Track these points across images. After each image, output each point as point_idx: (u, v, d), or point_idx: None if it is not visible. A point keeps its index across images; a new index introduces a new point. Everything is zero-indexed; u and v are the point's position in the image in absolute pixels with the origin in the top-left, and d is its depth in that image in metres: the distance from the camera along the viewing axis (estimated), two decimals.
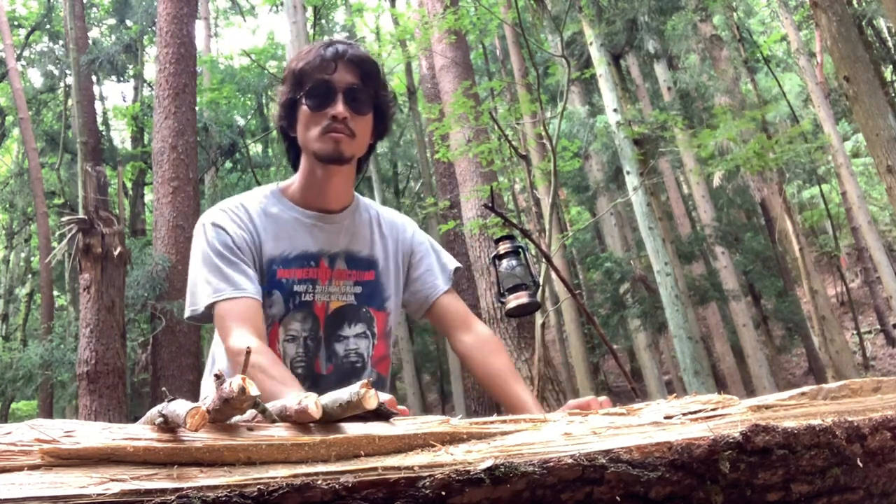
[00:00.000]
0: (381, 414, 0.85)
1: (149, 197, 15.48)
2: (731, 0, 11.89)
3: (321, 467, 0.73)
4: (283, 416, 0.84)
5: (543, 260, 4.41)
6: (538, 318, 5.25)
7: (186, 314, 1.54)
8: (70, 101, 13.02)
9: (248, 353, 0.89)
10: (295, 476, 0.69)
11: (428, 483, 0.71)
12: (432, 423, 0.86)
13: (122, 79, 15.60)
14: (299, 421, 0.82)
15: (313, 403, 0.81)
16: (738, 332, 11.55)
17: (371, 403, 0.82)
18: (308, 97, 1.52)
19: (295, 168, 1.65)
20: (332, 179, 1.58)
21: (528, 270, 2.05)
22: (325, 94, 1.50)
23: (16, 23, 15.60)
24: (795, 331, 14.34)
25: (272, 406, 0.85)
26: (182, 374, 8.14)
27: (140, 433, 0.74)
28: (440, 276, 1.76)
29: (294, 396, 0.85)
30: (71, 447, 0.69)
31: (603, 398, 1.32)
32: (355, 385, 0.83)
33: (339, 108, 1.49)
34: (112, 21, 16.73)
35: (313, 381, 1.57)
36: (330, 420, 0.83)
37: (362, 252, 1.66)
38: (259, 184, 11.46)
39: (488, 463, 0.74)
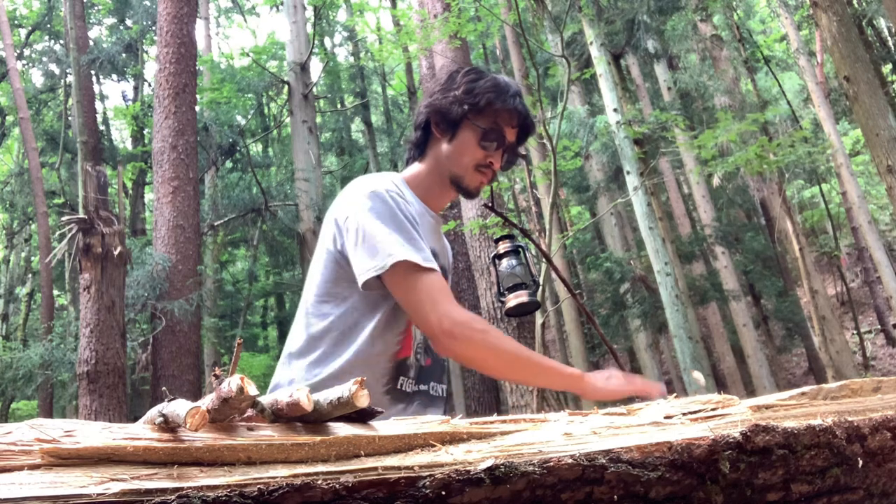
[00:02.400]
0: (367, 414, 0.85)
1: (149, 197, 15.48)
2: (731, 0, 11.89)
3: (321, 467, 0.73)
4: (275, 410, 0.83)
5: (543, 260, 4.41)
6: (538, 318, 5.25)
7: (370, 274, 1.46)
8: (70, 101, 13.02)
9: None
10: (295, 476, 0.69)
11: (428, 483, 0.71)
12: (432, 423, 0.86)
13: (122, 78, 15.59)
14: (291, 414, 0.82)
15: (305, 396, 0.81)
16: (739, 332, 11.55)
17: (362, 402, 0.82)
18: (485, 137, 1.62)
19: (413, 154, 1.73)
20: (450, 196, 1.71)
21: (528, 270, 2.05)
22: (497, 141, 1.63)
23: (16, 22, 15.59)
24: (795, 331, 14.34)
25: (263, 399, 0.84)
26: (182, 374, 8.14)
27: (140, 433, 0.74)
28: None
29: (285, 390, 0.86)
30: (71, 447, 0.69)
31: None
32: (348, 383, 0.83)
33: (499, 161, 1.65)
34: (112, 20, 16.73)
35: (418, 369, 1.63)
36: (319, 418, 0.83)
37: (447, 254, 1.78)
38: (259, 184, 11.48)
39: (488, 463, 0.74)
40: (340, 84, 18.15)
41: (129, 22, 15.25)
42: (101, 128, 15.53)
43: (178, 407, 0.75)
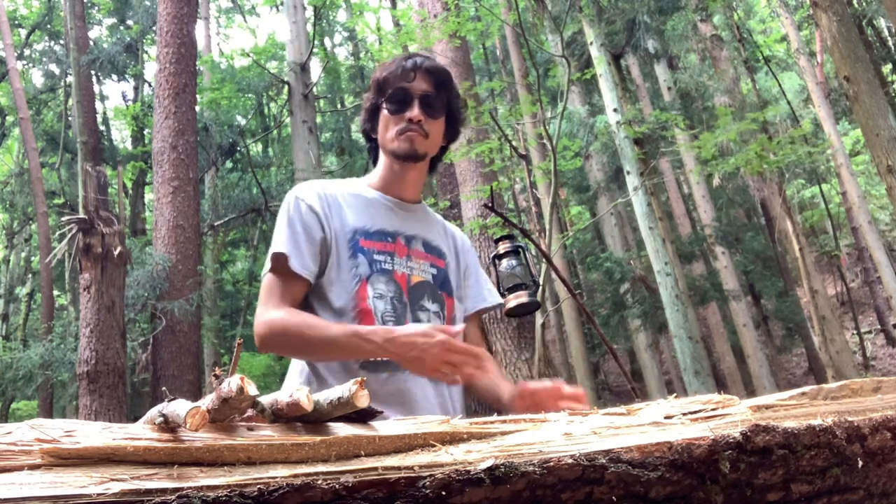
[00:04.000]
0: (367, 414, 0.85)
1: (149, 197, 15.48)
2: (731, 0, 11.89)
3: (321, 467, 0.73)
4: (275, 410, 0.83)
5: (543, 260, 4.41)
6: (538, 318, 5.25)
7: (264, 271, 1.65)
8: (70, 101, 13.02)
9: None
10: (295, 476, 0.69)
11: (428, 483, 0.71)
12: (432, 423, 0.87)
13: (122, 78, 15.59)
14: (291, 414, 0.82)
15: (305, 396, 0.81)
16: (739, 332, 11.55)
17: (362, 402, 0.82)
18: (388, 102, 1.72)
19: (374, 162, 1.85)
20: (408, 174, 1.77)
21: (528, 270, 2.06)
22: (403, 99, 1.71)
23: (16, 22, 15.59)
24: (796, 331, 14.34)
25: (263, 399, 0.85)
26: (182, 374, 8.14)
27: (140, 433, 0.74)
28: (487, 294, 1.89)
29: (286, 390, 0.86)
30: (71, 447, 0.69)
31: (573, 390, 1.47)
32: (348, 383, 0.83)
33: (415, 111, 1.69)
34: (112, 21, 16.73)
35: None
36: (320, 418, 0.83)
37: (435, 241, 1.82)
38: (259, 184, 11.49)
39: (488, 463, 0.74)
40: (340, 84, 18.15)
41: (129, 22, 15.24)
42: (102, 128, 15.53)
43: (178, 407, 0.75)
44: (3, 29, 12.00)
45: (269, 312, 1.56)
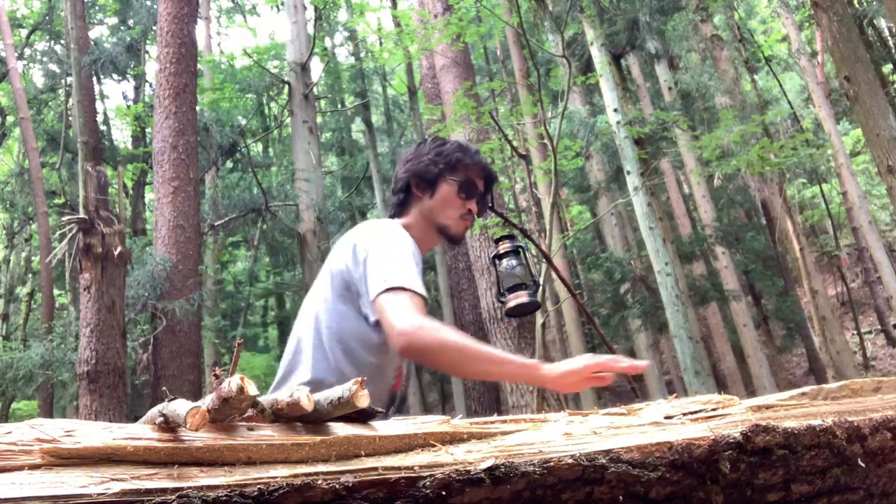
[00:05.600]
0: (367, 414, 0.85)
1: (149, 197, 15.48)
2: (731, 0, 11.88)
3: (321, 467, 0.73)
4: (275, 410, 0.83)
5: (543, 260, 4.41)
6: (538, 318, 5.25)
7: (384, 286, 1.63)
8: (71, 101, 13.02)
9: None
10: (295, 476, 0.69)
11: (428, 483, 0.71)
12: (432, 423, 0.87)
13: (123, 78, 15.59)
14: (291, 414, 0.82)
15: (305, 396, 0.81)
16: (739, 332, 11.54)
17: (362, 402, 0.82)
18: (461, 188, 1.93)
19: (394, 213, 1.99)
20: (433, 244, 2.00)
21: (528, 270, 2.06)
22: (470, 191, 1.94)
23: (17, 22, 15.58)
24: (796, 331, 14.33)
25: (263, 399, 0.85)
26: (182, 374, 8.13)
27: (140, 433, 0.74)
28: None
29: (285, 390, 0.86)
30: (71, 447, 0.69)
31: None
32: (348, 383, 0.83)
33: (475, 206, 1.95)
34: (114, 21, 16.73)
35: (400, 399, 1.88)
36: (320, 418, 0.83)
37: None
38: (259, 184, 11.47)
39: (488, 463, 0.74)
40: (341, 84, 18.15)
41: (130, 22, 15.24)
42: (102, 128, 15.53)
43: (178, 407, 0.75)
44: (3, 29, 12.00)
45: (419, 317, 1.56)
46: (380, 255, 1.69)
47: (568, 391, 1.60)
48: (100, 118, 15.24)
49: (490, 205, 2.00)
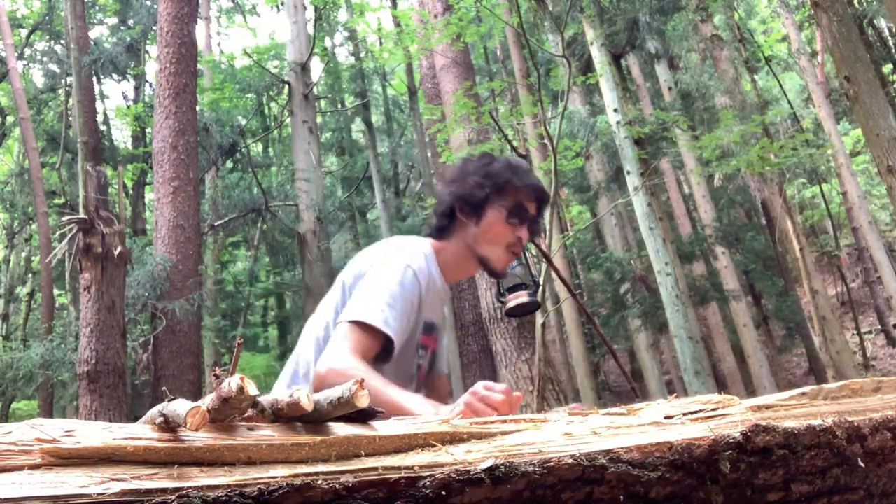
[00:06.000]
0: (367, 414, 0.85)
1: (149, 197, 15.47)
2: (731, 0, 11.88)
3: (321, 467, 0.73)
4: (275, 410, 0.83)
5: (543, 260, 4.41)
6: (538, 318, 5.24)
7: (348, 317, 1.58)
8: (71, 101, 13.01)
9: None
10: (295, 476, 0.69)
11: (428, 483, 0.71)
12: (432, 423, 0.87)
13: (123, 78, 15.59)
14: (291, 414, 0.82)
15: (305, 396, 0.81)
16: (739, 332, 11.54)
17: (362, 402, 0.82)
18: (512, 214, 1.76)
19: (433, 236, 1.84)
20: (468, 274, 1.89)
21: (528, 270, 2.06)
22: (521, 217, 1.77)
23: (17, 22, 15.58)
24: (796, 331, 14.33)
25: (263, 398, 0.85)
26: (182, 374, 8.14)
27: (140, 433, 0.74)
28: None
29: (288, 390, 0.86)
30: (71, 447, 0.69)
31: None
32: (348, 382, 0.83)
33: (526, 234, 1.78)
34: (113, 21, 16.73)
35: None
36: (320, 418, 0.83)
37: (442, 328, 1.92)
38: (259, 184, 11.47)
39: (488, 463, 0.74)
40: (341, 84, 18.14)
41: (130, 22, 15.24)
42: (102, 128, 15.52)
43: (178, 407, 0.75)
44: (3, 29, 12.00)
45: (348, 362, 1.50)
46: (368, 282, 1.64)
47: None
48: (100, 118, 15.23)
49: (542, 228, 1.87)
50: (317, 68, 16.72)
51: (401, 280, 1.63)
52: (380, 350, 1.58)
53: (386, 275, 1.64)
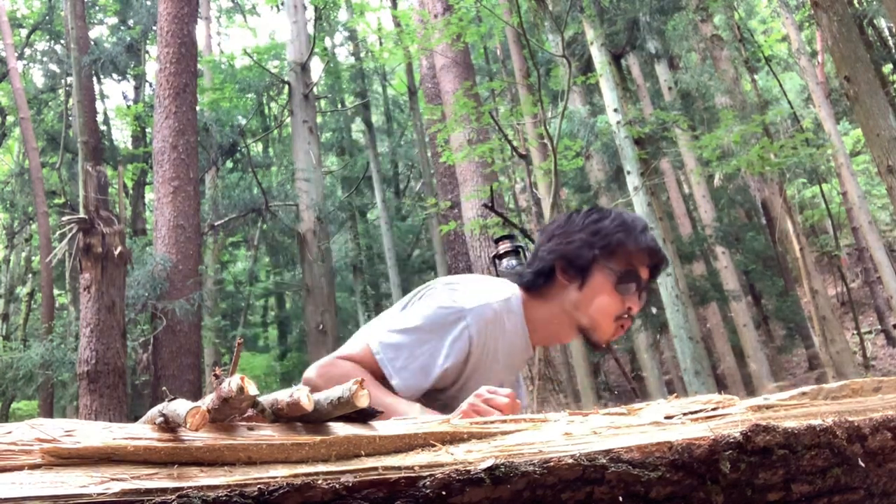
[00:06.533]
0: (367, 414, 0.85)
1: (149, 197, 15.48)
2: (731, 0, 11.88)
3: (321, 467, 0.73)
4: (275, 410, 0.83)
5: None
6: None
7: (369, 344, 1.47)
8: (71, 101, 13.02)
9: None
10: (295, 476, 0.69)
11: (428, 483, 0.71)
12: (433, 423, 0.87)
13: (123, 78, 15.60)
14: (291, 414, 0.82)
15: (305, 396, 0.81)
16: (739, 332, 11.54)
17: (362, 402, 0.82)
18: (622, 280, 1.53)
19: (527, 287, 1.60)
20: (561, 341, 1.66)
21: None
22: (637, 283, 1.54)
23: (17, 22, 15.58)
24: (796, 331, 14.34)
25: (263, 398, 0.85)
26: (182, 374, 8.14)
27: (140, 433, 0.74)
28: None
29: (287, 390, 0.86)
30: (71, 447, 0.69)
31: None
32: (349, 382, 0.83)
33: (637, 303, 1.54)
34: (114, 21, 16.74)
35: None
36: (320, 418, 0.83)
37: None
38: (259, 184, 11.47)
39: (489, 463, 0.74)
40: (341, 84, 18.15)
41: (130, 22, 15.25)
42: (102, 128, 15.53)
43: (178, 407, 0.75)
44: (3, 29, 12.00)
45: (339, 364, 1.44)
46: (405, 318, 1.49)
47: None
48: (100, 118, 15.24)
49: (647, 295, 1.59)
50: (317, 68, 16.73)
51: (440, 320, 1.46)
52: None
53: (425, 324, 1.46)
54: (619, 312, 1.53)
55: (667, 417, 0.93)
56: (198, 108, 10.51)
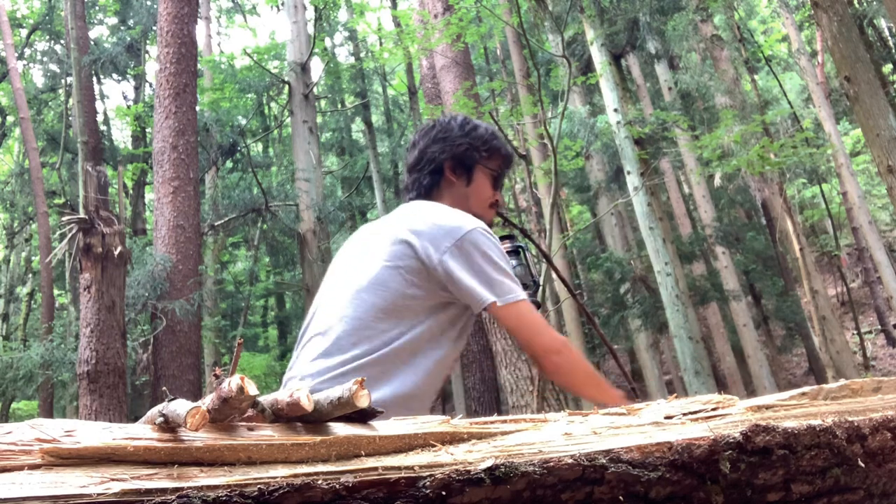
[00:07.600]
0: (367, 414, 0.85)
1: (149, 197, 15.48)
2: (731, 0, 11.88)
3: (321, 467, 0.73)
4: (275, 410, 0.83)
5: (543, 260, 4.41)
6: None
7: (496, 301, 1.69)
8: (71, 101, 13.02)
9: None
10: (295, 476, 0.69)
11: (428, 483, 0.71)
12: (432, 423, 0.86)
13: (123, 78, 15.60)
14: (291, 414, 0.82)
15: (305, 396, 0.81)
16: (739, 332, 11.55)
17: (363, 402, 0.81)
18: (497, 178, 1.89)
19: (419, 193, 1.85)
20: None
21: (529, 270, 2.05)
22: (500, 182, 1.92)
23: (17, 22, 15.59)
24: (796, 331, 14.34)
25: (263, 399, 0.84)
26: (182, 374, 8.13)
27: (140, 433, 0.74)
28: None
29: (286, 390, 0.86)
30: (71, 447, 0.69)
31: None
32: (349, 382, 0.83)
33: (500, 196, 1.93)
34: (114, 21, 16.74)
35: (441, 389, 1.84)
36: (320, 418, 0.83)
37: None
38: (260, 184, 11.48)
39: (489, 463, 0.74)
40: (341, 84, 18.15)
41: (130, 22, 15.25)
42: (102, 128, 15.53)
43: (178, 407, 0.75)
44: (3, 29, 12.00)
45: (560, 336, 1.67)
46: (488, 258, 1.67)
47: None
48: (100, 118, 15.24)
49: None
50: (317, 68, 16.74)
51: (495, 249, 1.70)
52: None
53: (484, 250, 1.67)
54: (491, 202, 1.87)
55: (667, 417, 0.93)
56: (198, 108, 10.51)
